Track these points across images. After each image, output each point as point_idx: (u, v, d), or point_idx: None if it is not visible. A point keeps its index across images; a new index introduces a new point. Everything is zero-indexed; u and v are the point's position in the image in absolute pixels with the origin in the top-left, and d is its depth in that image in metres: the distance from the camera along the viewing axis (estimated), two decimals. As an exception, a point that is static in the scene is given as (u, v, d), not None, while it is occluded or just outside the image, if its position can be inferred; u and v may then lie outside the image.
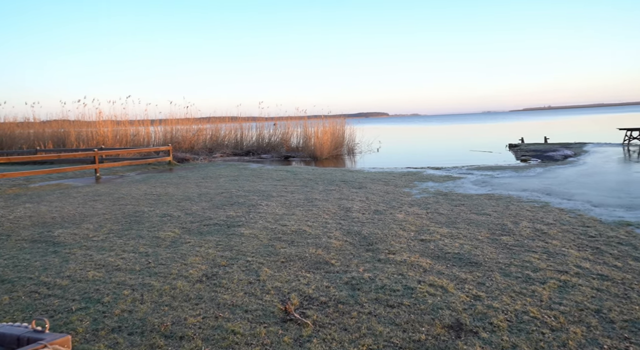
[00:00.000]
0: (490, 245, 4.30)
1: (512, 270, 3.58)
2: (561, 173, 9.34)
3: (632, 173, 8.85)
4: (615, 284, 3.21)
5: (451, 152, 16.88)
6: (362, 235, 4.76)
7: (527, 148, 15.80)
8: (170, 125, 17.82)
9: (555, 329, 2.58)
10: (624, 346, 2.35)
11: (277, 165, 13.54)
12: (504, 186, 7.86)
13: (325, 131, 16.70)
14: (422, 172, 10.27)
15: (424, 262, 3.83)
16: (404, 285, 3.32)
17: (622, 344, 2.37)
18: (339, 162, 15.25)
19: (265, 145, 18.40)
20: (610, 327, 2.57)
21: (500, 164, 11.97)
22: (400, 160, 14.60)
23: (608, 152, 13.46)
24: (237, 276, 3.60)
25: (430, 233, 4.79)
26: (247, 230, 5.06)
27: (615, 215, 5.38)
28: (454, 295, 3.11)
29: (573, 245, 4.19)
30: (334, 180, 9.13)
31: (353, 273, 3.62)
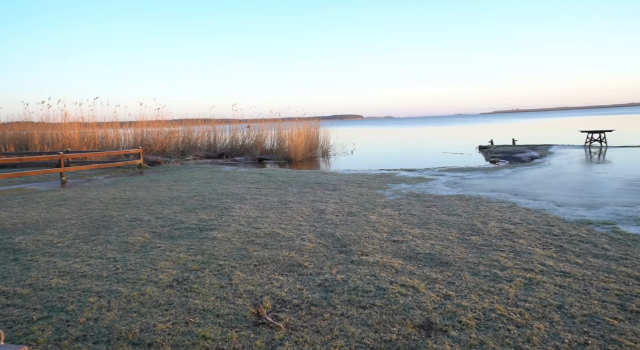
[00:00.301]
0: (460, 245, 4.40)
1: (480, 269, 3.67)
2: (528, 174, 9.65)
3: (593, 174, 9.24)
4: (577, 281, 3.34)
5: (424, 154, 17.18)
6: (336, 237, 4.78)
7: (496, 150, 16.25)
8: (140, 127, 17.41)
9: (521, 325, 2.66)
10: (583, 340, 2.45)
11: (251, 168, 13.44)
12: (474, 187, 8.06)
13: (300, 133, 16.70)
14: (396, 174, 10.41)
15: (396, 263, 3.88)
16: (377, 286, 3.35)
17: (582, 338, 2.47)
18: (313, 164, 15.27)
19: (239, 148, 18.23)
20: (571, 322, 2.67)
21: (471, 165, 12.26)
22: (374, 162, 14.76)
23: (571, 153, 14.01)
24: (209, 280, 3.55)
25: (402, 234, 4.86)
26: (220, 234, 5.00)
27: (577, 214, 5.60)
28: (425, 295, 3.16)
29: (538, 244, 4.34)
30: (308, 183, 9.14)
31: (326, 275, 3.63)
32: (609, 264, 3.68)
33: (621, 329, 2.55)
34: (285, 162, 15.81)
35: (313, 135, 17.53)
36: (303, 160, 16.38)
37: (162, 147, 16.99)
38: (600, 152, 14.03)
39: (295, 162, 15.71)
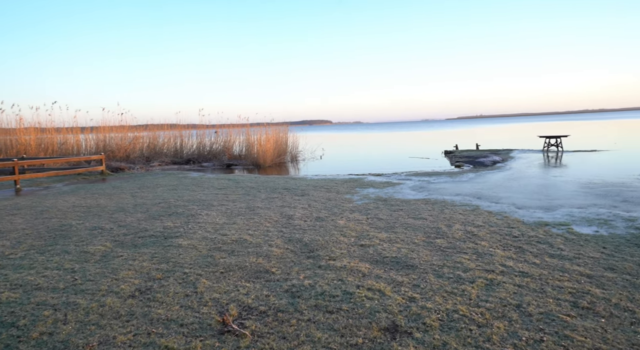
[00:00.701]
0: (425, 248, 4.49)
1: (445, 272, 3.75)
2: (490, 178, 9.98)
3: (550, 177, 9.66)
4: (534, 280, 3.47)
5: (392, 159, 17.47)
6: (304, 243, 4.78)
7: (461, 154, 16.73)
8: (103, 133, 16.84)
9: (482, 325, 2.74)
10: (539, 337, 2.55)
11: (219, 174, 13.25)
12: (439, 191, 8.25)
13: (269, 139, 16.63)
14: (364, 179, 10.52)
15: (363, 267, 3.92)
16: (343, 291, 3.37)
17: (538, 335, 2.57)
18: (282, 169, 15.22)
19: (206, 154, 17.95)
20: (528, 320, 2.78)
21: (437, 169, 12.56)
22: (343, 167, 14.87)
23: (530, 157, 14.60)
24: (173, 289, 3.47)
25: (369, 238, 4.91)
26: (186, 241, 4.89)
27: (536, 216, 5.84)
28: (391, 298, 3.20)
29: (499, 246, 4.49)
30: (276, 188, 9.10)
31: (293, 281, 3.62)
32: (564, 263, 3.85)
33: (573, 325, 2.67)
34: (254, 168, 15.69)
35: (282, 141, 17.50)
36: (272, 165, 16.31)
37: (126, 153, 16.49)
38: (557, 156, 14.70)
39: (264, 168, 15.62)
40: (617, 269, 3.65)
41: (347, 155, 21.26)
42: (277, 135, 17.23)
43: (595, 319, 2.75)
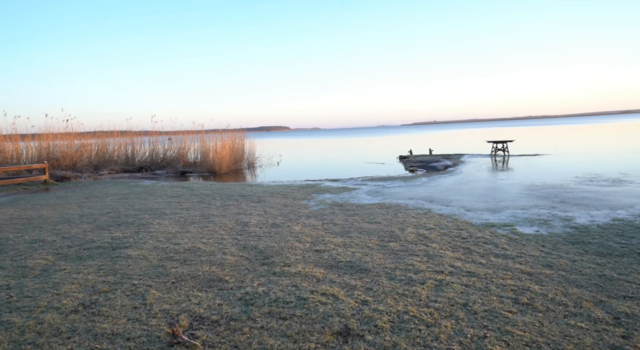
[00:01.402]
0: (379, 251, 4.58)
1: (397, 274, 3.85)
2: (442, 182, 10.35)
3: (497, 180, 10.16)
4: (480, 279, 3.64)
5: (348, 164, 17.70)
6: (259, 250, 4.74)
7: (415, 159, 17.24)
8: (46, 140, 15.90)
9: (430, 325, 2.83)
10: (482, 333, 2.67)
11: (173, 182, 12.87)
12: (394, 195, 8.46)
13: (224, 145, 16.37)
14: (320, 184, 10.59)
15: (317, 272, 3.94)
16: (297, 297, 3.37)
17: (482, 332, 2.69)
18: (238, 176, 15.02)
19: (160, 161, 17.39)
20: (474, 318, 2.90)
21: (392, 174, 12.87)
22: (300, 173, 14.90)
23: (479, 162, 15.30)
24: (120, 302, 3.32)
25: (325, 243, 4.95)
26: (135, 252, 4.71)
27: (483, 218, 6.11)
28: (344, 302, 3.24)
29: (449, 247, 4.66)
30: (232, 195, 8.97)
31: (247, 288, 3.57)
32: (507, 262, 4.06)
33: (514, 321, 2.82)
34: (210, 175, 15.38)
35: (238, 147, 17.29)
36: (228, 172, 16.06)
37: (73, 162, 15.66)
38: (504, 160, 15.48)
39: (220, 175, 15.34)
40: (554, 266, 3.89)
41: (305, 161, 21.32)
42: (234, 142, 17.00)
43: (533, 314, 2.92)
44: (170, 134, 18.61)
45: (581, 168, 11.81)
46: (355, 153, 25.78)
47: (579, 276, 3.60)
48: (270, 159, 21.42)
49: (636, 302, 3.04)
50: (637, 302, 3.04)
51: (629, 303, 3.03)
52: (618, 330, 2.64)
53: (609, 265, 3.84)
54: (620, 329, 2.66)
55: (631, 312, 2.88)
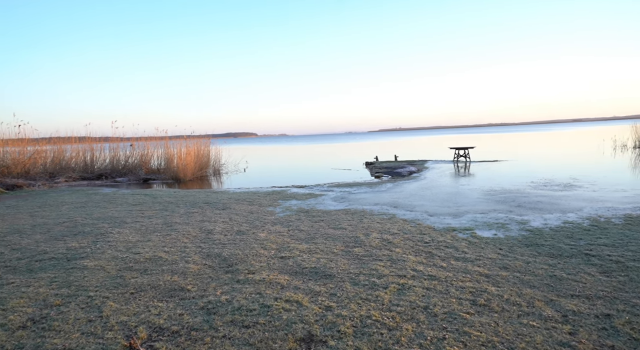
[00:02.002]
0: (343, 257, 4.62)
1: (361, 279, 3.89)
2: (406, 187, 10.57)
3: (459, 186, 10.48)
4: (441, 282, 3.73)
5: (315, 171, 17.76)
6: (223, 257, 4.67)
7: (381, 165, 17.52)
8: (-4, 146, 15.06)
9: (392, 328, 2.88)
10: (442, 335, 2.75)
11: (135, 189, 12.49)
12: (359, 201, 8.55)
13: (189, 152, 16.06)
14: (287, 191, 10.57)
15: (282, 279, 3.92)
16: (261, 304, 3.34)
17: (441, 334, 2.77)
18: (204, 183, 14.76)
19: (121, 168, 16.83)
20: (434, 320, 2.97)
21: (358, 180, 13.02)
22: (267, 179, 14.82)
23: (442, 168, 15.73)
24: (74, 315, 3.18)
25: (290, 250, 4.94)
26: (92, 262, 4.53)
27: (445, 222, 6.28)
28: (308, 308, 3.24)
29: (412, 252, 4.76)
30: (196, 202, 8.80)
31: (210, 297, 3.51)
32: (467, 265, 4.19)
33: (472, 322, 2.92)
34: (174, 182, 15.03)
35: (204, 154, 17.00)
36: (193, 179, 15.75)
37: (25, 169, 14.90)
38: (465, 166, 15.99)
39: (184, 182, 15.02)
40: (510, 267, 4.05)
41: (272, 167, 21.22)
42: (199, 148, 16.70)
43: (490, 315, 3.03)
44: (132, 140, 18.06)
45: (536, 173, 12.37)
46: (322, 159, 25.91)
47: (532, 277, 3.77)
48: (237, 166, 21.19)
49: (582, 300, 3.21)
50: (583, 300, 3.21)
51: (576, 301, 3.20)
52: (565, 327, 2.78)
53: (559, 265, 4.04)
54: (567, 326, 2.80)
55: (577, 309, 3.05)
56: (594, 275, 3.74)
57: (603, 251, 4.43)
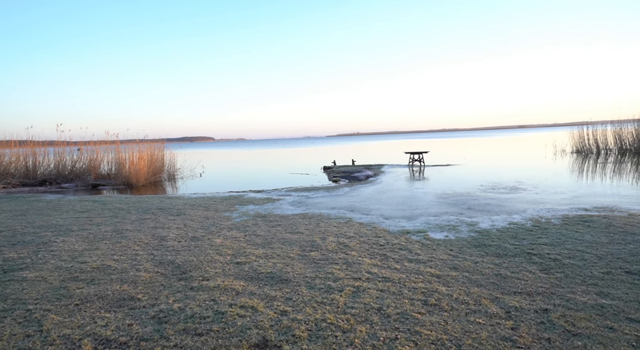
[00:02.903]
0: (300, 261, 4.63)
1: (316, 283, 3.91)
2: (363, 191, 10.75)
3: (413, 189, 10.80)
4: (394, 284, 3.83)
5: (273, 175, 17.66)
6: (176, 264, 4.54)
7: (338, 170, 17.70)
8: None
9: (347, 331, 2.92)
10: (394, 335, 2.82)
11: (83, 195, 11.90)
12: (317, 205, 8.60)
13: (142, 156, 15.50)
14: (244, 196, 10.45)
15: (237, 285, 3.87)
16: (215, 311, 3.28)
17: (393, 334, 2.84)
18: (158, 188, 14.29)
19: (67, 174, 15.96)
20: (387, 321, 3.05)
21: (315, 185, 13.08)
22: (224, 184, 14.57)
23: (398, 172, 16.14)
24: (10, 331, 2.98)
25: (246, 255, 4.88)
26: (33, 274, 4.27)
27: (399, 225, 6.45)
28: (263, 314, 3.22)
29: (367, 254, 4.84)
30: (149, 209, 8.51)
31: (162, 305, 3.40)
32: (419, 266, 4.32)
33: (423, 321, 3.01)
34: (126, 188, 14.44)
35: (158, 158, 16.47)
36: (146, 185, 15.21)
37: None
38: (420, 170, 16.50)
39: (137, 187, 14.48)
40: (459, 267, 4.22)
41: (229, 172, 20.89)
42: (152, 153, 16.16)
43: (440, 314, 3.14)
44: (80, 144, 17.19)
45: (485, 177, 12.97)
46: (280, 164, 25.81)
47: (479, 276, 3.95)
48: (193, 171, 20.70)
49: (524, 297, 3.40)
50: (525, 297, 3.40)
51: (518, 298, 3.38)
52: (508, 323, 2.94)
53: (504, 264, 4.26)
54: (510, 321, 2.96)
55: (519, 305, 3.23)
56: (535, 273, 3.97)
57: (543, 250, 4.72)
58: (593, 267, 4.07)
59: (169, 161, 17.62)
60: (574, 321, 2.93)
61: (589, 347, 2.58)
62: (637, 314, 3.03)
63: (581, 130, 23.80)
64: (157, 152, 16.50)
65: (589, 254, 4.50)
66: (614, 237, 5.16)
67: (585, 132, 23.56)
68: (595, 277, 3.82)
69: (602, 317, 2.99)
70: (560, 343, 2.64)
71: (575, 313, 3.06)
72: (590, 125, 23.73)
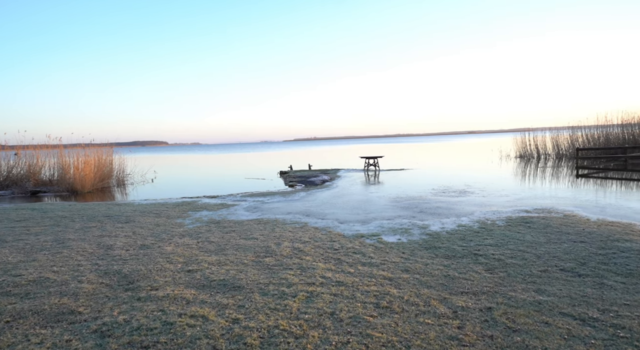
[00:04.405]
0: (254, 267, 4.57)
1: (270, 289, 3.87)
2: (319, 196, 10.80)
3: (368, 193, 10.99)
4: (347, 288, 3.86)
5: (228, 180, 17.37)
6: (123, 274, 4.34)
7: (295, 174, 17.69)
8: None
9: (299, 336, 2.90)
10: (346, 339, 2.84)
11: (20, 203, 11.13)
12: (272, 210, 8.54)
13: (88, 161, 14.74)
14: (198, 201, 10.19)
15: (188, 294, 3.76)
16: (163, 321, 3.16)
17: (345, 338, 2.86)
18: (105, 195, 13.63)
19: (2, 180, 14.86)
20: (339, 326, 3.06)
21: (271, 190, 13.00)
22: (177, 190, 14.14)
23: (354, 176, 16.37)
24: None
25: (198, 263, 4.76)
26: (-40, 289, 3.92)
27: (354, 229, 6.53)
28: (214, 323, 3.14)
29: (321, 259, 4.86)
30: (95, 216, 8.10)
31: (105, 318, 3.24)
32: (372, 269, 4.39)
33: (374, 324, 3.06)
34: (70, 195, 13.66)
35: (106, 163, 15.72)
36: (93, 191, 14.47)
37: None
38: (375, 174, 16.82)
39: (82, 194, 13.74)
40: (411, 270, 4.34)
41: (182, 177, 20.30)
42: (99, 157, 15.40)
43: (391, 316, 3.20)
44: (18, 148, 16.07)
45: (436, 181, 13.43)
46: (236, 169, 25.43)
47: (429, 278, 4.07)
48: (144, 176, 19.95)
49: (470, 296, 3.55)
50: (471, 296, 3.55)
51: (465, 298, 3.52)
52: (455, 322, 3.05)
53: (453, 266, 4.42)
54: (457, 321, 3.07)
55: (465, 305, 3.36)
56: (481, 273, 4.15)
57: (488, 251, 4.94)
58: (532, 266, 4.31)
59: (118, 166, 16.88)
60: (515, 318, 3.09)
61: (527, 342, 2.73)
62: (568, 308, 3.24)
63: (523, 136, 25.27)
64: (105, 156, 15.75)
65: (529, 254, 4.76)
66: (550, 237, 5.50)
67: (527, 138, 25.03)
68: (534, 275, 4.05)
69: (539, 312, 3.18)
70: (501, 340, 2.77)
71: (516, 310, 3.23)
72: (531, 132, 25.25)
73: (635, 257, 4.50)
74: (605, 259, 4.49)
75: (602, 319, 3.03)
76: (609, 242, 5.14)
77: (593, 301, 3.37)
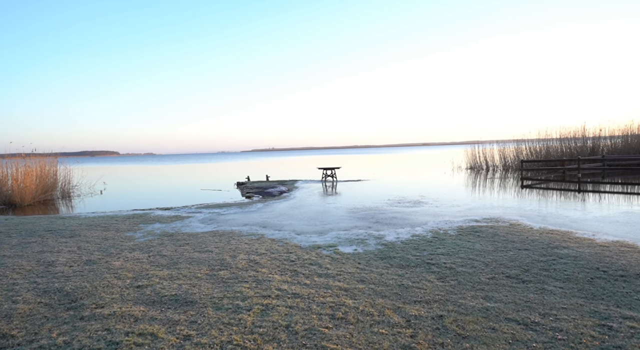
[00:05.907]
0: (207, 281, 4.45)
1: (224, 303, 3.78)
2: (277, 207, 10.73)
3: (326, 204, 11.05)
4: (303, 300, 3.84)
5: (183, 192, 16.88)
6: (65, 292, 4.09)
7: (252, 185, 17.49)
8: None
9: (253, 351, 2.85)
10: (300, 352, 2.82)
11: (-50, 216, 10.23)
12: (228, 222, 8.38)
13: (29, 172, 13.85)
14: (150, 214, 9.82)
15: (136, 311, 3.59)
16: (108, 341, 3.00)
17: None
18: (48, 208, 12.83)
19: None
20: (294, 338, 3.04)
21: (228, 201, 12.76)
22: (128, 202, 13.56)
23: (311, 187, 16.41)
24: None
25: (148, 278, 4.57)
26: None
27: (311, 240, 6.53)
28: (164, 340, 3.02)
29: (277, 271, 4.81)
30: (36, 231, 7.59)
31: (42, 341, 3.02)
32: (328, 281, 4.40)
33: (329, 336, 3.06)
34: (7, 208, 12.74)
35: (49, 174, 14.83)
36: (34, 204, 13.58)
37: None
38: (332, 185, 16.95)
39: (21, 207, 12.86)
40: (366, 280, 4.39)
41: (134, 189, 19.51)
42: (42, 168, 14.51)
43: (346, 327, 3.21)
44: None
45: (392, 191, 13.74)
46: (191, 180, 24.78)
47: (384, 287, 4.13)
48: (92, 188, 19.01)
49: (422, 305, 3.64)
50: (424, 305, 3.64)
51: (418, 306, 3.61)
52: (408, 331, 3.11)
53: (407, 275, 4.52)
54: (409, 330, 3.13)
55: (418, 314, 3.44)
56: (433, 282, 4.27)
57: (440, 260, 5.10)
58: (481, 274, 4.49)
59: (64, 177, 15.97)
60: (464, 325, 3.20)
61: (475, 349, 2.83)
62: (513, 314, 3.40)
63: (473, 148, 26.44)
64: (49, 167, 14.86)
65: (478, 262, 4.96)
66: (498, 245, 5.76)
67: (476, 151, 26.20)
68: (483, 282, 4.22)
69: (486, 319, 3.31)
70: (452, 346, 2.85)
71: (465, 317, 3.34)
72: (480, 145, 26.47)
73: (572, 263, 4.80)
74: (546, 265, 4.76)
75: (543, 323, 3.20)
76: (550, 249, 5.46)
77: (535, 306, 3.55)
